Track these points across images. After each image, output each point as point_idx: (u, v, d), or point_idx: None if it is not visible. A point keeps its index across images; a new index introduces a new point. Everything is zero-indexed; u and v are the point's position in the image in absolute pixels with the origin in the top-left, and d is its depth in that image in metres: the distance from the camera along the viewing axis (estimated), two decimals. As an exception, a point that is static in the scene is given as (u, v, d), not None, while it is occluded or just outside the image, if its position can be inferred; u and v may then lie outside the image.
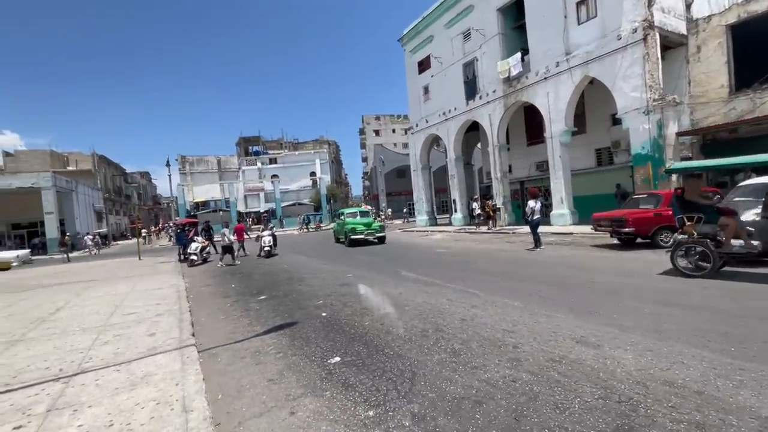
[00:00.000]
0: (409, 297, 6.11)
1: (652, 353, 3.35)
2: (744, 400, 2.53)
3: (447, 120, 22.10)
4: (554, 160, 15.96)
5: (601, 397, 2.70)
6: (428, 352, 3.80)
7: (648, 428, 2.31)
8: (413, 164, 26.15)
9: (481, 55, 19.39)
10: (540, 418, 2.52)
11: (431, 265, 9.23)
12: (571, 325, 4.20)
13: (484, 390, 2.95)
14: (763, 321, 3.91)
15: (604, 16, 13.82)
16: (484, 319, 4.69)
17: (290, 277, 9.15)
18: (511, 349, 3.69)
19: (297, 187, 47.75)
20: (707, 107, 13.17)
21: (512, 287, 6.26)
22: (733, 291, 5.13)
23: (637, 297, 5.12)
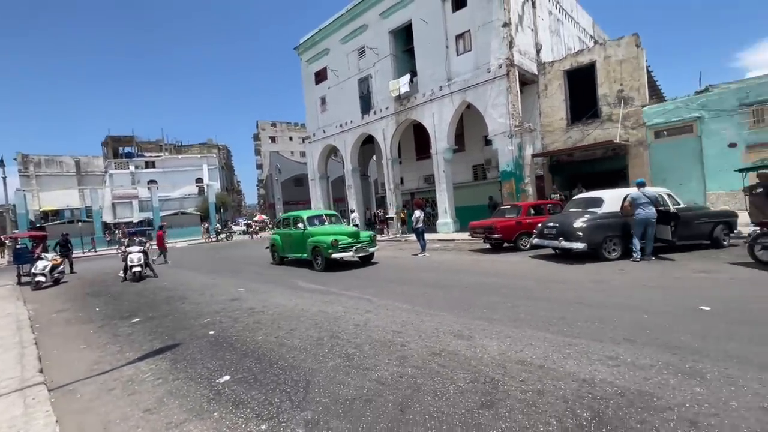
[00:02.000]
0: (305, 307, 6.10)
1: (510, 339, 4.02)
2: (569, 368, 3.24)
3: (344, 132, 22.60)
4: (439, 174, 17.66)
5: (471, 381, 3.16)
6: (323, 359, 3.89)
7: (504, 401, 2.80)
8: (311, 173, 25.98)
9: (375, 72, 20.44)
10: (422, 406, 2.83)
11: (328, 275, 9.32)
12: (451, 322, 4.75)
13: (374, 389, 3.17)
14: (585, 304, 5.01)
15: (477, 50, 15.96)
16: (377, 322, 4.98)
17: (171, 295, 8.23)
18: (399, 348, 4.01)
19: (180, 194, 42.91)
20: (552, 135, 16.19)
21: (402, 291, 6.75)
22: (575, 283, 6.42)
23: (502, 293, 6.04)
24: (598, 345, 3.66)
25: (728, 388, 2.71)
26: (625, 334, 3.90)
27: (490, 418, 2.60)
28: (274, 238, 12.04)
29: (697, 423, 2.36)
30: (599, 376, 3.05)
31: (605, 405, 2.63)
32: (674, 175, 13.74)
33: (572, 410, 2.60)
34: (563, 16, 20.16)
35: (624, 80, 14.54)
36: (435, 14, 17.23)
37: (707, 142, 13.06)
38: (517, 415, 2.60)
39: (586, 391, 2.84)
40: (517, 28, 15.51)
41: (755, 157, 12.22)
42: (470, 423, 2.56)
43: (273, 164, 45.41)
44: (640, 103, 14.31)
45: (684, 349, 3.42)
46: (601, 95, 15.04)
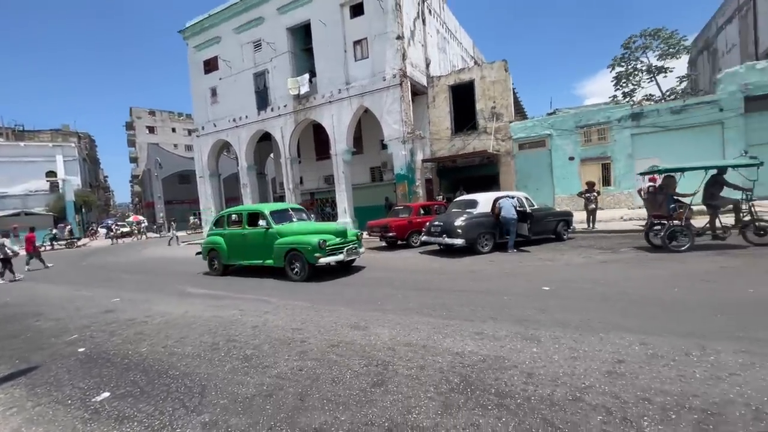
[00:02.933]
0: (196, 314, 5.77)
1: (400, 326, 4.51)
2: (447, 345, 3.84)
3: (238, 127, 21.33)
4: (338, 175, 18.01)
5: (365, 365, 3.51)
6: (219, 363, 3.83)
7: (393, 378, 3.21)
8: (199, 170, 23.82)
9: (272, 68, 19.79)
10: (320, 393, 3.07)
11: (222, 279, 8.84)
12: (348, 315, 5.08)
13: (274, 384, 3.29)
14: (462, 291, 5.86)
15: (374, 58, 16.75)
16: (276, 322, 5.03)
17: (18, 312, 6.86)
18: (299, 344, 4.18)
19: (23, 190, 34.86)
20: (440, 142, 17.93)
21: (300, 289, 6.85)
22: (455, 274, 7.35)
23: (395, 286, 6.62)
24: (469, 324, 4.38)
25: (554, 347, 3.59)
26: (490, 313, 4.73)
27: (380, 393, 2.98)
28: (213, 240, 9.40)
29: (532, 374, 3.09)
30: (468, 348, 3.70)
31: (471, 370, 3.24)
32: (533, 181, 16.53)
33: (446, 378, 3.14)
34: (449, 36, 22.41)
35: (496, 98, 16.91)
36: (334, 18, 17.51)
37: (555, 155, 16.08)
38: (402, 388, 3.03)
39: (458, 361, 3.44)
40: (410, 42, 16.76)
41: (587, 169, 15.51)
42: (363, 400, 2.90)
43: (152, 158, 40.08)
44: (508, 119, 16.82)
45: (529, 321, 4.34)
46: (479, 110, 17.22)
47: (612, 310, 4.56)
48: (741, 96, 13.22)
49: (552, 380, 2.97)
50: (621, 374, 2.98)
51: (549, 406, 2.61)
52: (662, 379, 2.87)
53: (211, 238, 9.64)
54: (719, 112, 13.51)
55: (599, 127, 15.34)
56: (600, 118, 15.32)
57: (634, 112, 14.82)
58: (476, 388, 2.94)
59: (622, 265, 7.04)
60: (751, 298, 4.62)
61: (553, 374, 3.06)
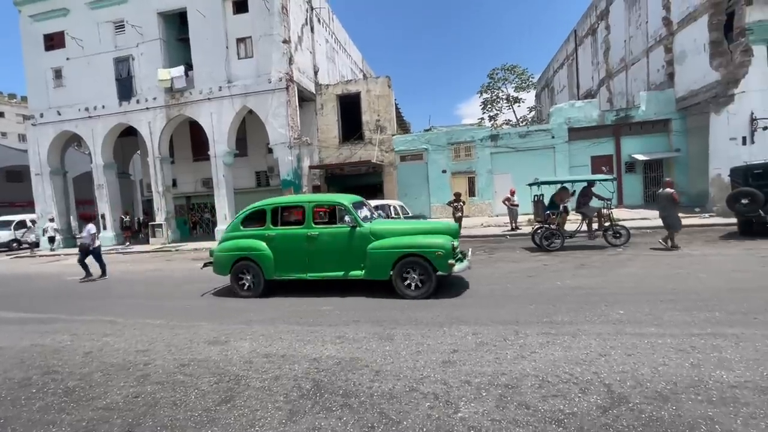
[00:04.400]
0: (8, 344, 4.68)
1: (263, 337, 4.39)
2: (306, 351, 3.87)
3: (92, 118, 18.07)
4: (218, 179, 16.68)
5: (215, 383, 3.32)
6: (26, 402, 3.18)
7: (243, 393, 3.11)
8: (35, 166, 19.37)
9: (138, 54, 17.38)
10: (155, 419, 2.79)
11: (55, 299, 7.35)
12: (207, 330, 4.74)
13: (98, 417, 2.88)
14: (335, 298, 6.00)
15: (258, 59, 16.08)
16: (117, 345, 4.40)
17: None
18: (142, 367, 3.73)
19: None
20: (327, 150, 18.12)
21: (159, 306, 6.15)
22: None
23: (267, 296, 6.42)
24: (332, 329, 4.51)
25: (405, 343, 3.93)
26: (354, 317, 4.94)
27: (225, 411, 2.85)
28: (245, 245, 6.39)
29: (380, 372, 3.33)
30: (327, 353, 3.81)
31: (325, 374, 3.34)
32: (413, 190, 17.88)
33: (299, 385, 3.17)
34: (338, 47, 22.87)
35: (380, 112, 17.86)
36: (214, 10, 16.27)
37: (431, 168, 17.72)
38: (251, 402, 2.95)
39: (314, 367, 3.51)
40: (297, 47, 16.58)
41: (456, 181, 17.47)
42: (204, 421, 2.74)
43: (-39, 148, 31.15)
44: (390, 132, 17.91)
45: (387, 321, 4.67)
46: (365, 121, 17.95)
47: (455, 305, 5.20)
48: (566, 127, 16.59)
49: (395, 375, 3.24)
50: (453, 362, 3.42)
51: (388, 400, 2.85)
52: (482, 362, 3.39)
53: (239, 243, 6.49)
54: (551, 139, 16.70)
55: (466, 145, 17.46)
56: (467, 137, 17.47)
57: (492, 134, 17.31)
58: (326, 391, 3.04)
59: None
60: (558, 288, 5.79)
61: (398, 369, 3.34)
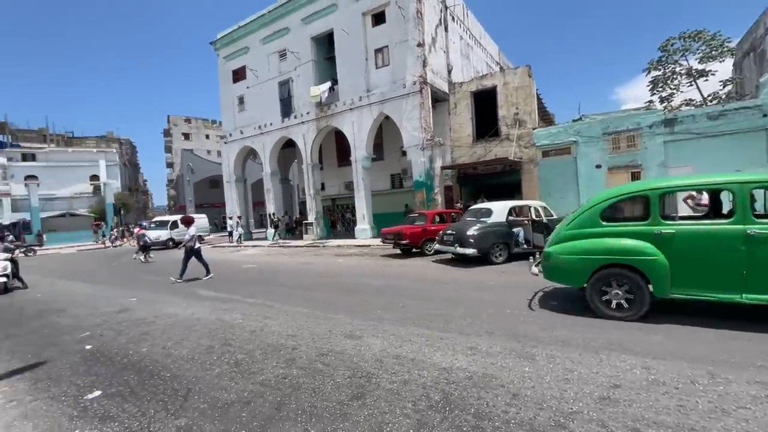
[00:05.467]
0: (202, 316, 5.91)
1: (394, 337, 4.42)
2: (436, 359, 3.71)
3: (263, 134, 21.95)
4: (358, 182, 18.12)
5: (348, 376, 3.45)
6: (209, 367, 3.88)
7: (373, 392, 3.13)
8: (226, 175, 24.67)
9: (296, 76, 20.28)
10: (298, 403, 3.03)
11: (235, 282, 9.04)
12: (345, 323, 5.04)
13: (256, 391, 3.29)
14: (464, 303, 5.69)
15: (394, 66, 16.81)
16: (273, 328, 5.06)
17: (44, 309, 7.28)
18: (290, 351, 4.17)
19: (70, 193, 37.40)
20: (461, 149, 17.68)
21: (306, 296, 6.88)
22: (461, 284, 7.16)
23: (398, 294, 6.52)
24: (463, 338, 4.23)
25: (548, 366, 3.39)
26: (488, 327, 4.55)
27: (357, 407, 2.90)
28: (631, 247, 4.50)
29: (517, 395, 2.93)
30: (457, 364, 3.57)
31: (455, 387, 3.11)
32: (557, 189, 15.95)
33: (427, 395, 3.03)
34: (473, 42, 22.18)
35: (519, 105, 16.51)
36: (356, 26, 17.76)
37: (581, 163, 15.45)
38: (380, 403, 2.94)
39: (443, 377, 3.31)
40: (431, 49, 16.71)
41: (615, 178, 14.80)
42: (338, 413, 2.84)
43: (185, 163, 41.99)
44: (531, 126, 16.37)
45: (528, 338, 4.13)
46: (501, 116, 16.87)
47: (623, 328, 4.27)
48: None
49: (537, 403, 2.79)
50: (614, 400, 2.77)
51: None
52: (657, 408, 2.64)
53: (605, 243, 4.68)
54: (762, 118, 12.55)
55: (629, 134, 14.61)
56: (629, 124, 14.59)
57: (667, 118, 14.01)
58: (456, 406, 2.82)
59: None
60: (781, 321, 4.20)
61: (539, 397, 2.88)
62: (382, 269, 9.71)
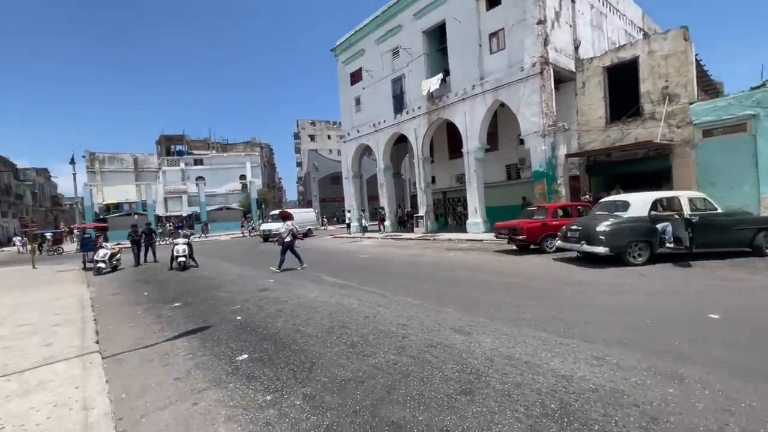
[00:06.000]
0: (324, 299, 6.57)
1: (506, 336, 4.21)
2: (554, 365, 3.41)
3: (377, 131, 23.05)
4: (470, 174, 17.60)
5: (457, 371, 3.42)
6: (330, 345, 4.29)
7: (482, 390, 3.05)
8: (345, 172, 26.71)
9: (408, 72, 20.66)
10: (407, 389, 3.14)
11: (352, 270, 9.77)
12: (455, 318, 4.99)
13: (369, 372, 3.52)
14: (591, 307, 5.06)
15: (510, 49, 15.73)
16: (386, 315, 5.32)
17: (209, 284, 9.06)
18: (401, 339, 4.33)
19: (225, 190, 45.54)
20: (590, 134, 15.62)
21: (417, 287, 7.03)
22: (588, 286, 6.40)
23: (512, 293, 6.16)
24: (588, 346, 3.77)
25: (701, 391, 2.79)
26: (619, 337, 3.97)
27: (465, 402, 2.86)
28: None
29: (657, 419, 2.49)
30: (579, 373, 3.21)
31: (575, 398, 2.81)
32: (724, 177, 12.84)
33: (542, 401, 2.81)
34: (607, 9, 19.25)
35: (670, 76, 13.74)
36: (469, 13, 17.16)
37: (762, 143, 12.08)
38: (489, 402, 2.85)
39: (562, 385, 3.02)
40: (554, 25, 15.11)
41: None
42: (445, 405, 2.85)
43: (311, 162, 46.92)
44: (687, 100, 13.47)
45: (672, 354, 3.47)
46: (644, 92, 14.30)
47: (820, 357, 3.25)
48: None
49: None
50: (805, 449, 2.13)
51: (671, 465, 2.08)
52: None
53: None
54: None
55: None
56: None
57: None
58: (575, 419, 2.55)
59: None
60: None
61: (689, 426, 2.40)
62: (495, 265, 9.29)
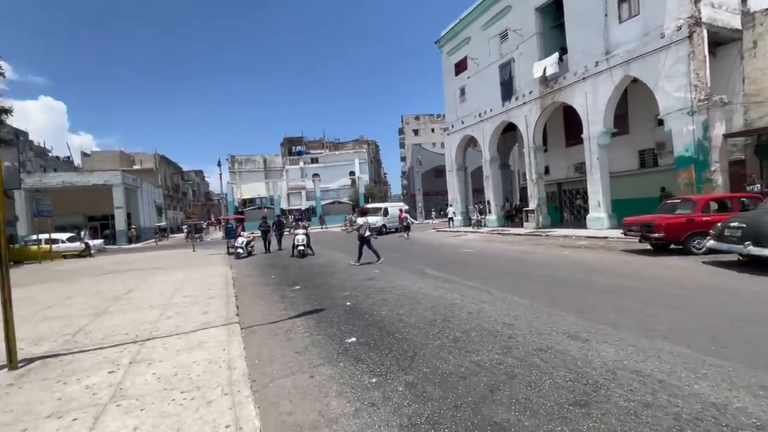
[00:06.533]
0: (427, 292, 6.64)
1: (633, 348, 3.66)
2: (699, 389, 2.85)
3: (482, 121, 22.13)
4: (591, 162, 15.64)
5: (571, 380, 3.12)
6: (432, 338, 4.33)
7: (601, 404, 2.72)
8: (448, 165, 26.39)
9: (518, 55, 19.27)
10: (512, 391, 2.99)
11: (455, 264, 9.64)
12: (568, 322, 4.54)
13: (471, 369, 3.45)
14: (756, 324, 4.04)
15: (646, 14, 13.38)
16: (490, 313, 5.13)
17: (323, 271, 9.96)
18: (506, 339, 4.13)
19: (337, 186, 49.38)
20: (762, 107, 12.38)
21: (524, 286, 6.59)
22: (753, 297, 5.17)
23: (641, 299, 5.31)
24: (749, 371, 3.04)
25: None
26: (802, 365, 3.10)
27: (579, 415, 2.60)
28: None
29: None
30: (737, 403, 2.62)
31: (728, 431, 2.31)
32: None
33: (680, 428, 2.38)
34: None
35: None
36: (592, -21, 15.13)
37: None
38: (610, 419, 2.53)
39: (711, 415, 2.51)
40: (708, -25, 12.33)
41: None
42: (555, 414, 2.62)
43: (414, 156, 47.54)
44: None
45: None
46: None
47: None
48: None
49: None
50: None
51: None
52: None
53: None
54: None
55: None
56: None
57: None
58: (730, 459, 2.09)
59: None
60: None
61: None
62: (622, 266, 8.13)
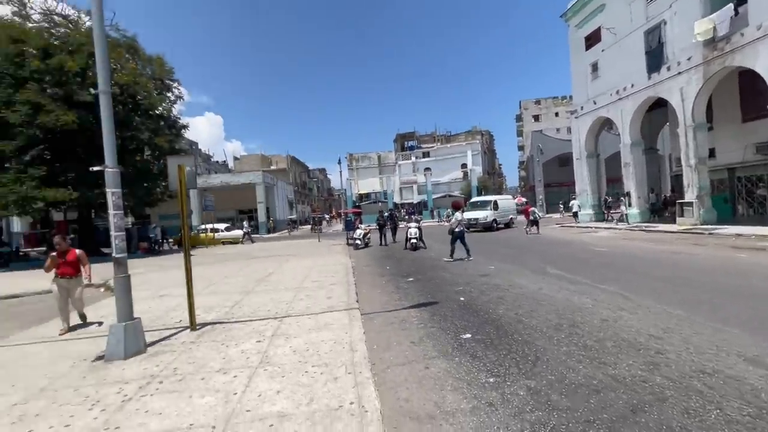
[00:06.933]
0: (549, 293, 6.09)
1: None
2: None
3: (621, 99, 19.05)
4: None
5: (749, 415, 2.49)
6: (557, 343, 3.96)
7: (801, 454, 2.11)
8: (576, 152, 23.52)
9: (671, 16, 15.96)
10: (662, 416, 2.53)
11: (582, 264, 8.61)
12: (743, 342, 3.63)
13: (606, 383, 3.04)
14: None
15: None
16: (630, 322, 4.43)
17: (435, 264, 9.99)
18: (653, 354, 3.52)
19: (448, 179, 48.88)
20: None
21: (679, 294, 5.49)
22: None
23: None
24: None
25: None
26: None
27: (764, 462, 2.06)
28: None
29: None
30: None
31: None
32: None
33: None
34: None
35: None
36: None
37: None
38: (815, 476, 1.93)
39: None
40: None
41: None
42: (726, 455, 2.13)
43: (534, 144, 43.77)
44: None
45: None
46: None
47: None
48: None
49: None
50: None
51: None
52: None
53: None
54: None
55: None
56: None
57: None
58: None
59: None
60: None
61: None
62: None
